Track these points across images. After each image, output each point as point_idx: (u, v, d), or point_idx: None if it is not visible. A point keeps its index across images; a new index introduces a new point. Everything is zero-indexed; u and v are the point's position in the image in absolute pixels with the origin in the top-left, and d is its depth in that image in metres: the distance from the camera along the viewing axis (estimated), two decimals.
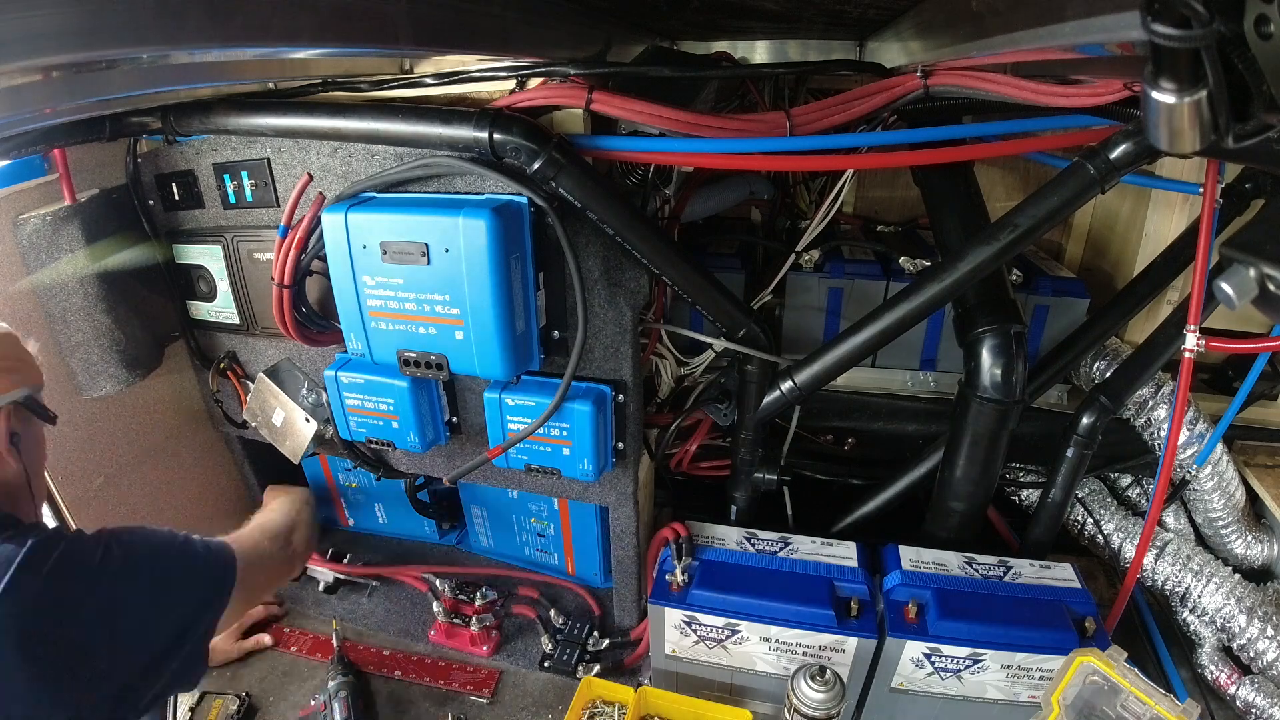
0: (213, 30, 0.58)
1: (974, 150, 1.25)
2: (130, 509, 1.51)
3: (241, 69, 0.99)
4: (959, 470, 1.37)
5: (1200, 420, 1.46)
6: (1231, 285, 0.55)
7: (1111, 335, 1.54)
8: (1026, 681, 1.22)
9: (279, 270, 1.18)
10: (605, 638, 1.57)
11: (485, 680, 1.49)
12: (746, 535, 1.43)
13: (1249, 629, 1.37)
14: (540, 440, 1.28)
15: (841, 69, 1.37)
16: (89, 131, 1.14)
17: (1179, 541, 1.51)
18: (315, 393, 1.47)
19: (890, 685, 1.28)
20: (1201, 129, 0.40)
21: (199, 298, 1.48)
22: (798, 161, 1.31)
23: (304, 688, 1.48)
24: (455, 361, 1.12)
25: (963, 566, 1.33)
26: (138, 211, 1.40)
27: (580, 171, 1.05)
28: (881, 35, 1.50)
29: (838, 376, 1.32)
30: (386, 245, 1.06)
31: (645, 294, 1.23)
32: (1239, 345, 1.25)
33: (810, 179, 2.01)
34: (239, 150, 1.30)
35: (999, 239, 1.11)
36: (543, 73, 1.10)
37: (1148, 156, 1.04)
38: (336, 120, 1.11)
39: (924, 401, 1.69)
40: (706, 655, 1.35)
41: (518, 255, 1.08)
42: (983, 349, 1.28)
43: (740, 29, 1.69)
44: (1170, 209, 1.56)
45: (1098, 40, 0.49)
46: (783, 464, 1.53)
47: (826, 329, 1.70)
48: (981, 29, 0.75)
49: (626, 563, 1.51)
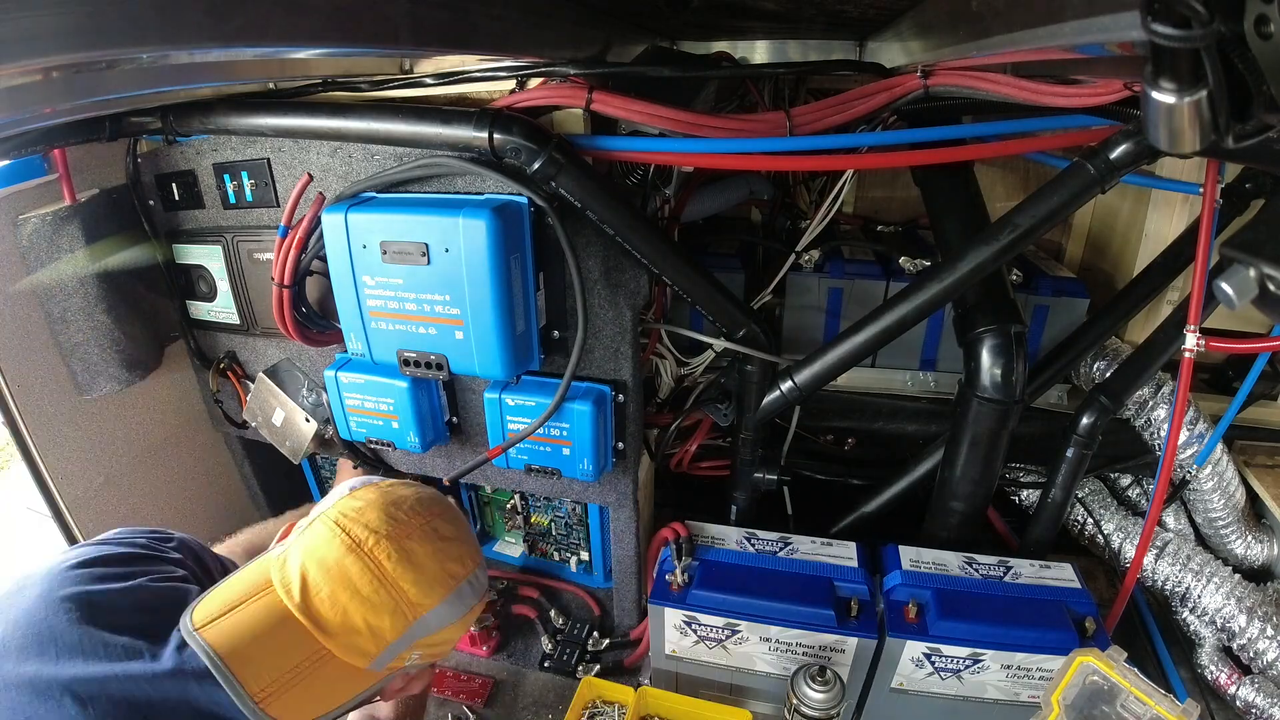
0: (213, 30, 0.58)
1: (974, 150, 1.24)
2: (130, 509, 1.51)
3: (241, 69, 0.99)
4: (959, 470, 1.37)
5: (1200, 420, 1.46)
6: (1231, 285, 0.55)
7: (1111, 335, 1.54)
8: (1026, 681, 1.22)
9: (279, 270, 1.18)
10: (605, 638, 1.57)
11: (479, 690, 1.48)
12: (746, 535, 1.43)
13: (1249, 629, 1.37)
14: (540, 440, 1.28)
15: (841, 69, 1.37)
16: (89, 131, 1.14)
17: (1179, 541, 1.51)
18: (315, 393, 1.47)
19: (890, 685, 1.28)
20: (1201, 129, 0.40)
21: (199, 298, 1.48)
22: (798, 161, 1.31)
23: None
24: (455, 361, 1.12)
25: (963, 566, 1.33)
26: (138, 211, 1.40)
27: (580, 171, 1.05)
28: (881, 35, 1.50)
29: (838, 376, 1.32)
30: (386, 245, 1.06)
31: (645, 294, 1.23)
32: (1239, 345, 1.25)
33: (810, 179, 2.01)
34: (239, 150, 1.30)
35: (999, 239, 1.11)
36: (543, 73, 1.10)
37: (1148, 156, 1.04)
38: (336, 120, 1.11)
39: (924, 401, 1.69)
40: (706, 655, 1.35)
41: (518, 255, 1.08)
42: (983, 349, 1.28)
43: (740, 29, 1.69)
44: (1170, 209, 1.56)
45: (1098, 40, 0.49)
46: (783, 464, 1.53)
47: (826, 329, 1.70)
48: (981, 29, 0.75)
49: (626, 563, 1.51)
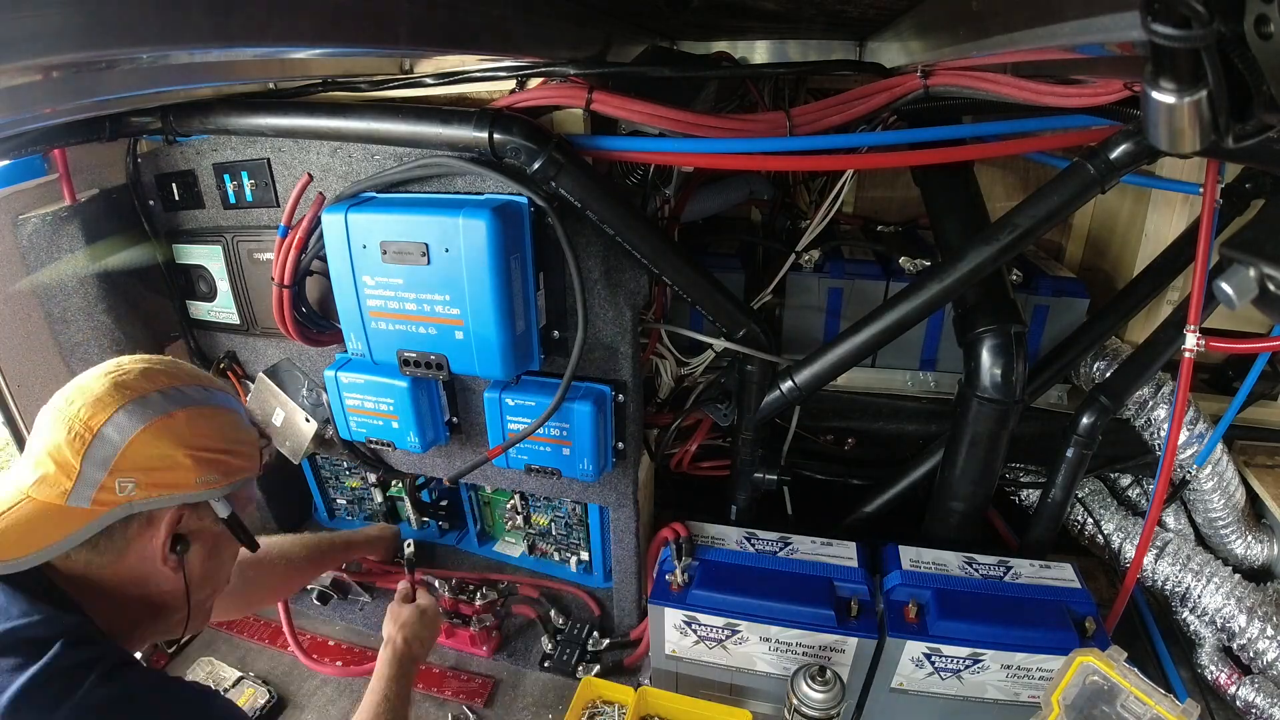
0: (213, 30, 0.58)
1: (974, 150, 1.25)
2: None
3: (241, 69, 0.99)
4: (959, 470, 1.37)
5: (1200, 420, 1.46)
6: (1231, 285, 0.55)
7: (1111, 335, 1.54)
8: (1026, 681, 1.21)
9: (279, 270, 1.18)
10: (605, 638, 1.57)
11: (479, 690, 1.48)
12: (746, 535, 1.43)
13: (1249, 629, 1.37)
14: (540, 440, 1.28)
15: (841, 69, 1.37)
16: (89, 131, 1.14)
17: (1179, 541, 1.51)
18: (315, 393, 1.47)
19: (890, 685, 1.28)
20: (1201, 129, 0.40)
21: (199, 298, 1.48)
22: (798, 161, 1.31)
23: (305, 686, 1.48)
24: (455, 361, 1.12)
25: (963, 566, 1.33)
26: (138, 211, 1.40)
27: (580, 171, 1.06)
28: (881, 35, 1.50)
29: (838, 376, 1.32)
30: (386, 245, 1.06)
31: (645, 294, 1.23)
32: (1239, 345, 1.25)
33: (810, 179, 2.01)
34: (239, 150, 1.30)
35: (999, 239, 1.11)
36: (543, 73, 1.10)
37: (1148, 156, 1.04)
38: (336, 120, 1.11)
39: (924, 401, 1.69)
40: (706, 655, 1.35)
41: (518, 255, 1.08)
42: (983, 349, 1.28)
43: (740, 29, 1.69)
44: (1170, 209, 1.56)
45: (1098, 40, 0.49)
46: (783, 464, 1.53)
47: (826, 329, 1.70)
48: (981, 29, 0.75)
49: (626, 563, 1.51)
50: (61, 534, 0.79)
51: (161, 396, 0.85)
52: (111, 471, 0.80)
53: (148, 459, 0.82)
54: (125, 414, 0.82)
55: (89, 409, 0.81)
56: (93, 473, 0.80)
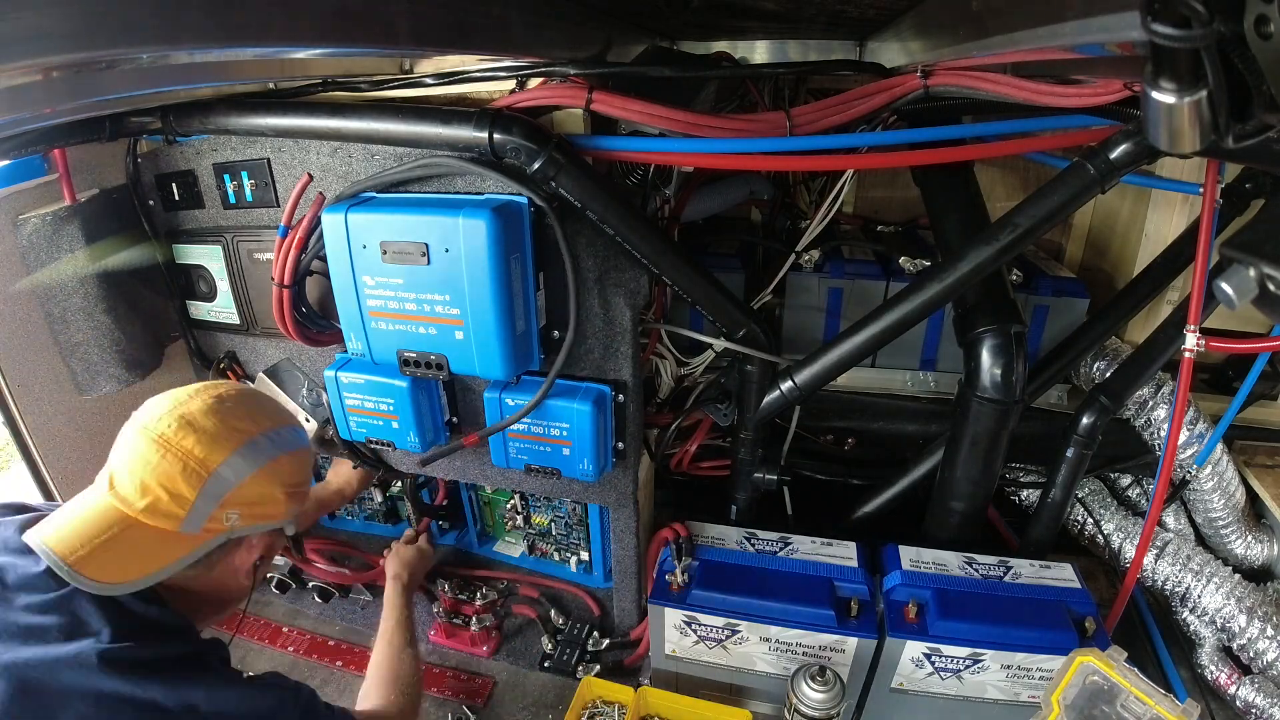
0: (213, 30, 0.58)
1: (974, 150, 1.24)
2: None
3: (241, 69, 0.99)
4: (959, 470, 1.37)
5: (1200, 420, 1.46)
6: (1231, 285, 0.55)
7: (1111, 335, 1.54)
8: (1026, 681, 1.22)
9: (279, 270, 1.18)
10: (605, 638, 1.57)
11: (479, 690, 1.48)
12: (746, 535, 1.43)
13: (1249, 629, 1.37)
14: (540, 440, 1.28)
15: (841, 69, 1.37)
16: (89, 131, 1.14)
17: (1179, 541, 1.51)
18: (315, 393, 1.47)
19: (890, 685, 1.28)
20: (1201, 129, 0.40)
21: (199, 298, 1.48)
22: (798, 161, 1.31)
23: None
24: (455, 361, 1.12)
25: (963, 566, 1.33)
26: (138, 211, 1.40)
27: (580, 171, 1.06)
28: (881, 35, 1.50)
29: (838, 376, 1.32)
30: (386, 245, 1.06)
31: (645, 294, 1.23)
32: (1239, 345, 1.25)
33: (810, 179, 2.01)
34: (239, 150, 1.30)
35: (999, 239, 1.11)
36: (543, 73, 1.10)
37: (1148, 156, 1.04)
38: (336, 120, 1.11)
39: (924, 401, 1.69)
40: (706, 655, 1.35)
41: (518, 255, 1.08)
42: (983, 349, 1.28)
43: (740, 29, 1.69)
44: (1170, 209, 1.56)
45: (1098, 40, 0.49)
46: (783, 464, 1.53)
47: (826, 329, 1.70)
48: (981, 29, 0.75)
49: (626, 563, 1.51)
50: (173, 557, 0.90)
51: (268, 441, 0.98)
52: (222, 505, 0.92)
53: (254, 496, 0.95)
54: (240, 457, 0.94)
55: (204, 447, 0.91)
56: (205, 506, 0.91)
